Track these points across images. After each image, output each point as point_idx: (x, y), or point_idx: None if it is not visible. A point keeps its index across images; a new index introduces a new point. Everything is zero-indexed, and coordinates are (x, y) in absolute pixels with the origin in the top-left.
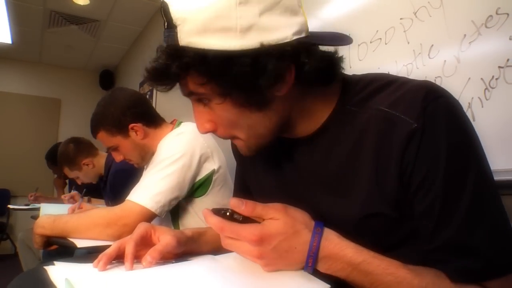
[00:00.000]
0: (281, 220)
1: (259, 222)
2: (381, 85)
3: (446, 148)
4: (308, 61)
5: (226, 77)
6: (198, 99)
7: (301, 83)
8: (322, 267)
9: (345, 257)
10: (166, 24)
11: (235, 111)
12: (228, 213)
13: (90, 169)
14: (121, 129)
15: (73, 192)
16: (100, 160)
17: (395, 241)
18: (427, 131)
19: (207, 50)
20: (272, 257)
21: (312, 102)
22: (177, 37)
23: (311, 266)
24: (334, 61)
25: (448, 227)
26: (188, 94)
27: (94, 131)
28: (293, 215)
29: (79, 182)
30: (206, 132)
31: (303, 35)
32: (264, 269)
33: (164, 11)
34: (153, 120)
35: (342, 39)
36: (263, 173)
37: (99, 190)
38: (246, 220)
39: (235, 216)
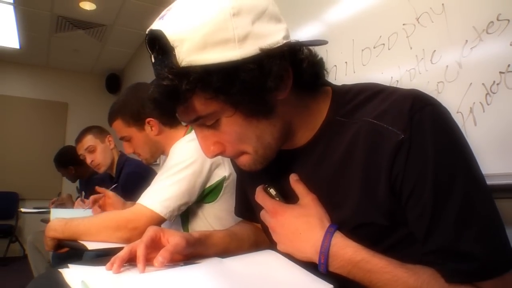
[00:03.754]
0: (301, 206)
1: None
2: (369, 95)
3: (433, 157)
4: (303, 60)
5: (235, 86)
6: (203, 123)
7: (296, 87)
8: None
9: (346, 255)
10: (158, 50)
11: (244, 122)
12: (274, 191)
13: (109, 148)
14: (138, 121)
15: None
16: (116, 153)
17: (390, 245)
18: (414, 141)
19: (211, 65)
20: (281, 233)
21: (307, 109)
22: (176, 59)
23: (324, 262)
24: (320, 62)
25: (439, 233)
26: (195, 119)
27: (111, 119)
28: (315, 207)
29: (88, 161)
30: (214, 156)
31: (289, 39)
32: (278, 247)
33: (156, 37)
34: (170, 119)
35: (319, 41)
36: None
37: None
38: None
39: (275, 195)
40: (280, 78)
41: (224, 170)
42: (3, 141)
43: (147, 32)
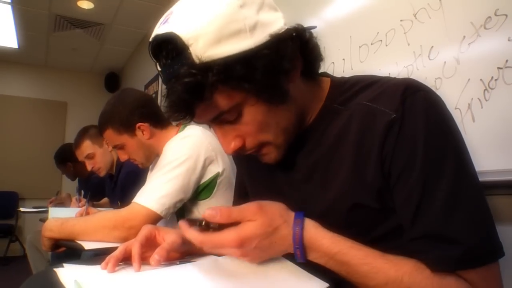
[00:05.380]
0: (258, 221)
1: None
2: (365, 84)
3: (423, 139)
4: (308, 42)
5: (257, 73)
6: (224, 119)
7: (302, 70)
8: None
9: (322, 247)
10: (168, 54)
11: (265, 110)
12: (203, 223)
13: (108, 152)
14: (128, 128)
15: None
16: (115, 153)
17: (383, 233)
18: (406, 122)
19: (229, 57)
20: (255, 254)
21: (311, 94)
22: (192, 57)
23: (301, 256)
24: (318, 45)
25: (426, 216)
26: (217, 115)
27: (102, 129)
28: (270, 212)
29: (89, 168)
30: (234, 151)
31: (288, 26)
32: (249, 263)
33: (167, 40)
34: (159, 121)
35: (311, 27)
36: (258, 173)
37: (103, 191)
38: (222, 225)
39: (212, 225)
40: (294, 60)
41: (218, 166)
42: (3, 141)
43: (152, 39)
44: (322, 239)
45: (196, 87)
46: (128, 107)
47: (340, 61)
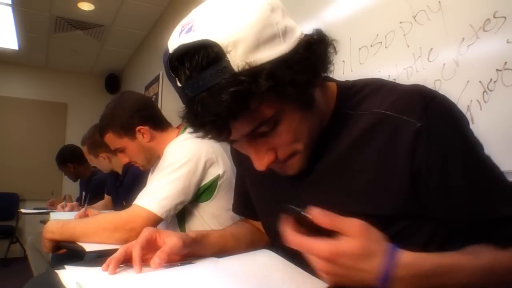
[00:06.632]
0: (358, 240)
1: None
2: (373, 89)
3: (454, 141)
4: (329, 45)
5: (299, 78)
6: (260, 131)
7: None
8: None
9: (422, 270)
10: (197, 64)
11: (300, 116)
12: (307, 221)
13: (106, 162)
14: (128, 131)
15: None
16: (119, 160)
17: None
18: (433, 129)
19: (270, 62)
20: (338, 273)
21: (323, 99)
22: (230, 65)
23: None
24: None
25: (483, 207)
26: (256, 127)
27: (102, 133)
28: (373, 235)
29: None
30: (267, 166)
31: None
32: (326, 280)
33: (199, 48)
34: (159, 123)
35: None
36: (259, 173)
37: (102, 191)
38: (320, 230)
39: (315, 226)
40: (328, 62)
41: (218, 168)
42: (3, 142)
43: (174, 50)
44: (423, 261)
45: (244, 96)
46: (127, 110)
47: (339, 63)
